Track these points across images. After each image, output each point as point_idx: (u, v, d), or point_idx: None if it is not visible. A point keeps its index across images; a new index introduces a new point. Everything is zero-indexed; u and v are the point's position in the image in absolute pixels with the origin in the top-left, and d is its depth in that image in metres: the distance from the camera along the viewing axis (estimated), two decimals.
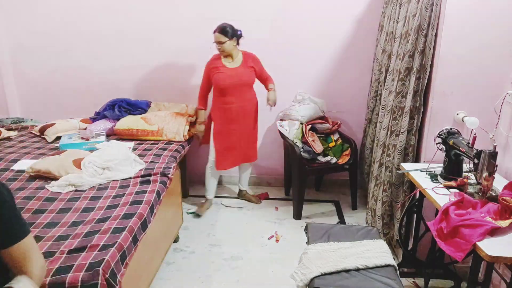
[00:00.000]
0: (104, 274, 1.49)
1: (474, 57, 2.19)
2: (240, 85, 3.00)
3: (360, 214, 3.30)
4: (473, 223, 1.62)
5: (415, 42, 2.32)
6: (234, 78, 2.96)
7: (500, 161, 2.18)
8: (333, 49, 3.42)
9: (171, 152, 2.79)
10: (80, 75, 3.62)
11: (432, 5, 2.21)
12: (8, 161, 2.58)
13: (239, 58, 3.02)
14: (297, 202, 3.21)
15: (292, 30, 3.39)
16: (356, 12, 3.31)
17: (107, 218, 1.89)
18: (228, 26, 2.88)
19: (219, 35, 2.88)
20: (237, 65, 3.01)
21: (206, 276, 2.52)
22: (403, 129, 2.45)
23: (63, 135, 3.03)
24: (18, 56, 3.62)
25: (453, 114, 2.30)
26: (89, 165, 2.35)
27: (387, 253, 1.94)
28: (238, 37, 2.96)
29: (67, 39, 3.53)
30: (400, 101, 2.49)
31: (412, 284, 2.43)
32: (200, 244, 2.86)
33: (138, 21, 3.43)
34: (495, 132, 2.20)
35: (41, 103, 3.73)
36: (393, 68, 2.66)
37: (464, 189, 1.95)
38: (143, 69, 3.57)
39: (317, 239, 2.06)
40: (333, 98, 3.53)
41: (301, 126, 3.23)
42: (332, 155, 3.21)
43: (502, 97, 2.15)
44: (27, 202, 2.03)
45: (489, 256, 1.48)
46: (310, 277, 1.80)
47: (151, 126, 3.06)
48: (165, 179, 2.36)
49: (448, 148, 2.07)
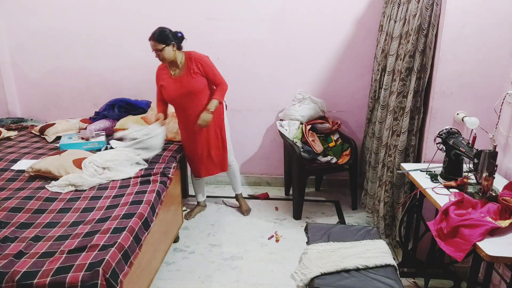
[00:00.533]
0: (104, 274, 1.49)
1: (474, 57, 2.18)
2: (187, 95, 2.71)
3: (360, 214, 3.30)
4: (473, 223, 1.62)
5: (415, 42, 2.32)
6: (180, 90, 2.70)
7: (500, 161, 2.18)
8: (333, 49, 3.42)
9: (171, 152, 2.79)
10: (80, 75, 3.63)
11: (432, 5, 2.21)
12: (8, 161, 2.58)
13: (183, 64, 2.71)
14: (297, 202, 3.21)
15: (292, 30, 3.39)
16: (356, 12, 3.31)
17: (107, 218, 1.89)
18: (166, 30, 2.61)
19: (155, 43, 2.58)
20: (182, 73, 2.71)
21: (206, 276, 2.52)
22: (404, 129, 2.45)
23: (63, 135, 3.04)
24: (18, 56, 3.62)
25: (453, 114, 2.30)
26: (90, 165, 2.35)
27: (387, 253, 1.94)
28: (179, 41, 2.68)
29: (67, 39, 3.53)
30: (401, 101, 2.49)
31: (412, 284, 2.43)
32: (200, 244, 2.86)
33: (138, 21, 3.43)
34: (495, 132, 2.20)
35: (41, 103, 3.73)
36: (393, 68, 2.66)
37: (464, 189, 1.95)
38: (143, 69, 3.56)
39: (317, 239, 2.06)
40: (333, 98, 3.53)
41: (301, 126, 3.23)
42: (332, 155, 3.21)
43: (502, 97, 2.15)
44: (27, 202, 2.04)
45: (489, 256, 1.48)
46: (310, 277, 1.80)
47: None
48: (165, 179, 2.36)
49: (448, 148, 2.07)
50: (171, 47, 2.62)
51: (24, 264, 1.53)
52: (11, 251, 1.62)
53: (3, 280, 1.45)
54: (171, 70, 2.74)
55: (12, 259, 1.55)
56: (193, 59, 2.70)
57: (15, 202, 2.02)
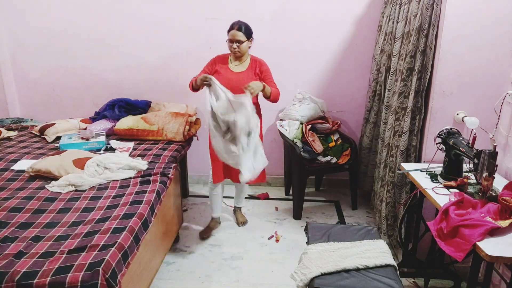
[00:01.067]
0: (104, 274, 1.49)
1: (474, 57, 2.19)
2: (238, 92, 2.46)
3: (360, 214, 3.30)
4: (473, 223, 1.62)
5: (416, 42, 2.32)
6: (237, 84, 2.51)
7: (500, 161, 2.18)
8: (333, 49, 3.43)
9: (171, 152, 2.79)
10: (80, 75, 3.63)
11: (432, 5, 2.21)
12: (8, 161, 2.58)
13: (247, 62, 2.70)
14: (297, 202, 3.21)
15: (292, 30, 3.39)
16: (356, 12, 3.32)
17: (107, 218, 1.89)
18: (250, 26, 2.61)
19: (239, 33, 2.55)
20: (243, 69, 2.67)
21: (206, 276, 2.52)
22: (405, 130, 2.45)
23: (63, 135, 3.03)
24: (18, 56, 3.62)
25: (453, 114, 2.30)
26: (92, 164, 2.35)
27: (387, 253, 1.94)
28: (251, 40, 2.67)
29: (67, 39, 3.53)
30: (403, 102, 2.49)
31: (412, 284, 2.43)
32: (200, 244, 2.87)
33: (138, 21, 3.43)
34: (495, 132, 2.20)
35: (41, 103, 3.73)
36: (395, 69, 2.66)
37: (464, 189, 1.95)
38: (143, 69, 3.57)
39: (317, 239, 2.07)
40: (333, 98, 3.53)
41: (301, 126, 3.23)
42: (332, 155, 3.21)
43: (502, 97, 2.15)
44: (27, 202, 2.03)
45: (489, 256, 1.48)
46: (310, 277, 1.80)
47: (151, 126, 3.06)
48: (165, 179, 2.36)
49: (448, 148, 2.07)
50: (249, 43, 2.63)
51: (24, 264, 1.53)
52: (11, 251, 1.62)
53: (3, 280, 1.45)
54: (233, 63, 2.69)
55: (12, 259, 1.55)
56: (257, 61, 2.72)
57: (15, 202, 2.02)
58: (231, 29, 2.58)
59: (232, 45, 2.59)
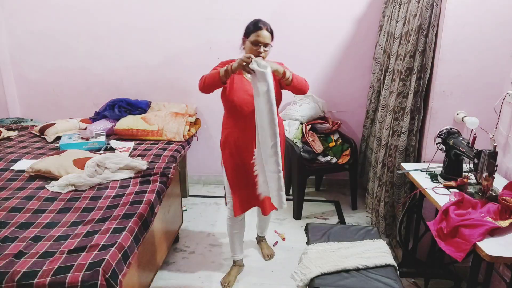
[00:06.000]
0: (104, 274, 1.49)
1: (474, 57, 2.19)
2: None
3: (360, 214, 3.30)
4: (473, 223, 1.62)
5: (415, 42, 2.32)
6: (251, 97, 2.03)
7: (500, 161, 2.18)
8: (333, 49, 3.43)
9: (171, 152, 2.79)
10: (80, 75, 3.63)
11: (432, 5, 2.21)
12: (8, 161, 2.58)
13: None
14: (297, 202, 3.21)
15: (292, 30, 3.38)
16: (356, 12, 3.31)
17: (107, 218, 1.89)
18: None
19: (269, 35, 2.08)
20: None
21: (206, 276, 2.52)
22: (404, 129, 2.45)
23: (63, 135, 3.03)
24: (18, 56, 3.62)
25: (453, 114, 2.30)
26: (92, 164, 2.35)
27: (387, 253, 1.94)
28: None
29: (67, 39, 3.53)
30: (401, 101, 2.49)
31: (412, 284, 2.43)
32: (200, 244, 2.86)
33: (138, 21, 3.43)
34: (495, 132, 2.20)
35: (41, 103, 3.73)
36: (393, 68, 2.66)
37: (464, 189, 1.95)
38: (143, 69, 3.57)
39: (317, 239, 2.07)
40: (333, 98, 3.53)
41: (301, 126, 3.23)
42: (332, 155, 3.21)
43: (502, 97, 2.15)
44: (27, 202, 2.03)
45: (489, 256, 1.48)
46: (310, 277, 1.80)
47: (151, 126, 3.06)
48: (165, 179, 2.36)
49: (448, 148, 2.07)
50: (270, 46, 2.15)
51: (24, 264, 1.53)
52: (11, 251, 1.62)
53: (3, 280, 1.44)
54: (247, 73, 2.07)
55: (12, 259, 1.55)
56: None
57: (15, 202, 2.02)
58: (257, 29, 2.05)
59: (258, 49, 2.06)
